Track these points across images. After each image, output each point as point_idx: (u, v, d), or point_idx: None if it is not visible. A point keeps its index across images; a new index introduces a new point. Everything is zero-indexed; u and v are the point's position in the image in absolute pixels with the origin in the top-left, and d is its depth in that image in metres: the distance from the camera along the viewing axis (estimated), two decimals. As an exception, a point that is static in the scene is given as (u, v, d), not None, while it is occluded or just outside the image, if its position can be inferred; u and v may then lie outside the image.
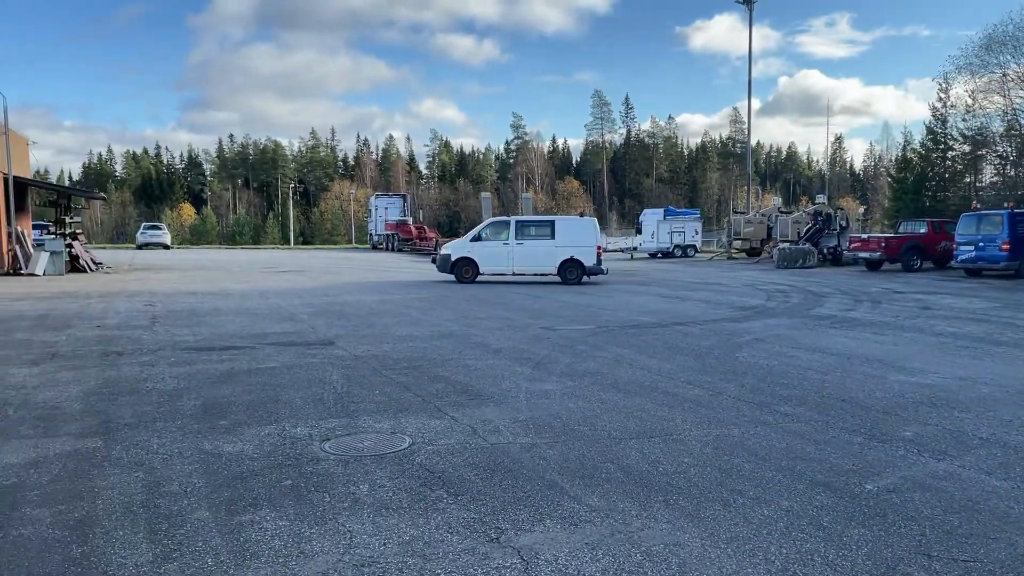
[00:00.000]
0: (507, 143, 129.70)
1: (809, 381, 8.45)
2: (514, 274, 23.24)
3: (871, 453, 5.76)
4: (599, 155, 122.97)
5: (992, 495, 4.85)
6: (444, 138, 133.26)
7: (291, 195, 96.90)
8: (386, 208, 56.54)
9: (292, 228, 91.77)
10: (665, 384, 8.28)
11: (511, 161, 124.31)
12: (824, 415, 6.91)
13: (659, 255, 42.66)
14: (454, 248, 23.98)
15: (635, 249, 45.86)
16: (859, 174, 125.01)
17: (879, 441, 6.08)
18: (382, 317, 14.25)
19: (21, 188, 28.51)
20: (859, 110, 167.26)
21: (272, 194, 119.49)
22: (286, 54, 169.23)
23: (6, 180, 26.36)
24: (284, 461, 5.53)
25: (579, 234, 23.01)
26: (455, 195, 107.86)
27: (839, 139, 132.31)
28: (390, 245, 52.15)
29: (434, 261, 24.90)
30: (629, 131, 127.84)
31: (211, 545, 4.07)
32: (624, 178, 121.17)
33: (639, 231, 46.09)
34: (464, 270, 23.16)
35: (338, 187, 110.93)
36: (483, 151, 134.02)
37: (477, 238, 23.52)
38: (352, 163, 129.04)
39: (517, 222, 23.52)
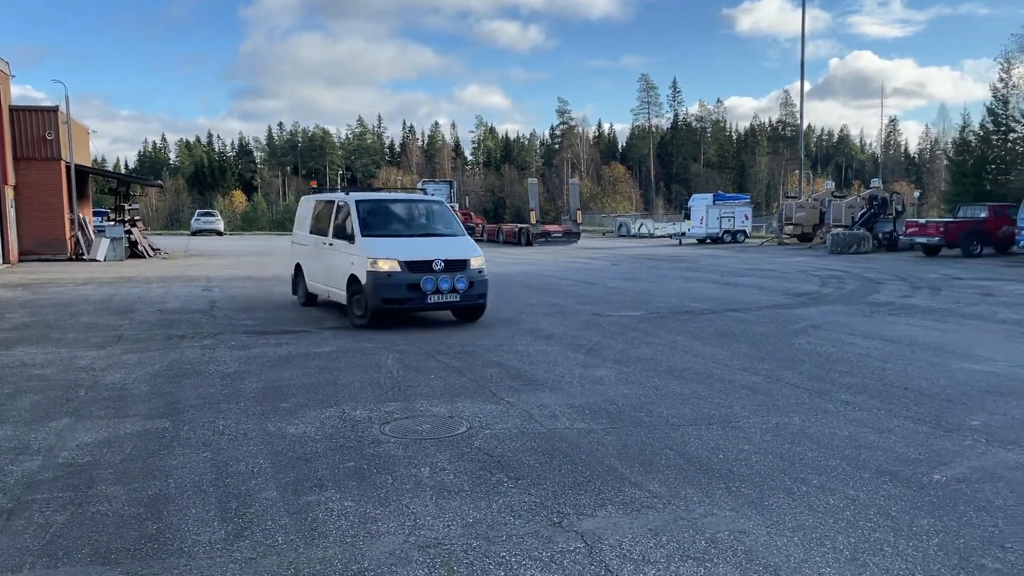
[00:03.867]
0: (552, 129, 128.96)
1: (869, 368, 8.28)
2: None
3: (937, 442, 5.63)
4: (645, 140, 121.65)
5: (1068, 487, 4.71)
6: (489, 124, 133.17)
7: (339, 181, 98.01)
8: (433, 194, 56.67)
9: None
10: (720, 371, 8.19)
11: (556, 147, 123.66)
12: (886, 403, 6.77)
13: (708, 240, 42.10)
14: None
15: (683, 235, 45.34)
16: (914, 157, 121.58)
17: (945, 430, 5.94)
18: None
19: (82, 176, 29.34)
20: (913, 92, 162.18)
21: (321, 181, 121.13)
22: (333, 43, 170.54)
23: (69, 168, 27.15)
24: (346, 443, 5.62)
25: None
26: (500, 181, 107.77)
27: (893, 121, 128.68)
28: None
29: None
30: (676, 115, 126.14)
31: (280, 524, 4.17)
32: (671, 163, 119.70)
33: (687, 216, 45.50)
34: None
35: (385, 173, 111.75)
36: (528, 137, 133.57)
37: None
38: (398, 150, 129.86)
39: None
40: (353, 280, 11.14)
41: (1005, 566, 3.65)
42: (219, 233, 56.93)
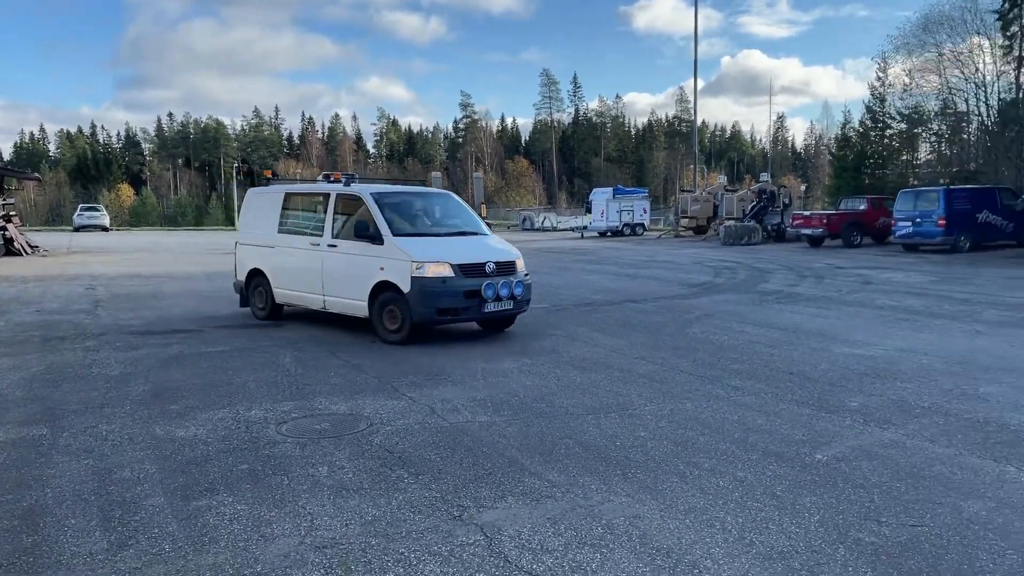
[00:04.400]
0: (456, 122, 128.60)
1: (758, 355, 8.64)
2: None
3: (820, 424, 5.93)
4: (548, 134, 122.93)
5: (936, 462, 5.04)
6: (392, 117, 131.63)
7: (235, 175, 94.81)
8: (333, 188, 55.81)
9: (237, 209, 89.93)
10: (619, 360, 8.38)
11: (460, 140, 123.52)
12: (773, 387, 7.09)
13: (609, 234, 42.98)
14: None
15: (585, 228, 46.10)
16: (800, 153, 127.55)
17: (827, 412, 6.26)
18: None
19: (-52, 169, 27.28)
20: (800, 90, 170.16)
21: (215, 174, 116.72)
22: (227, 30, 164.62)
23: (-68, 160, 25.20)
24: (240, 445, 5.45)
25: None
26: (404, 174, 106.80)
27: (781, 118, 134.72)
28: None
29: None
30: (577, 110, 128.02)
31: (168, 531, 4.00)
32: (573, 157, 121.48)
33: (588, 210, 46.32)
34: None
35: (284, 166, 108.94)
36: (432, 130, 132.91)
37: None
38: (297, 142, 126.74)
39: None
40: (383, 288, 9.42)
41: (879, 539, 3.87)
42: (105, 229, 54.12)
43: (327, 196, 10.45)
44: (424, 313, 9.12)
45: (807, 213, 31.68)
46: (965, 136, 42.01)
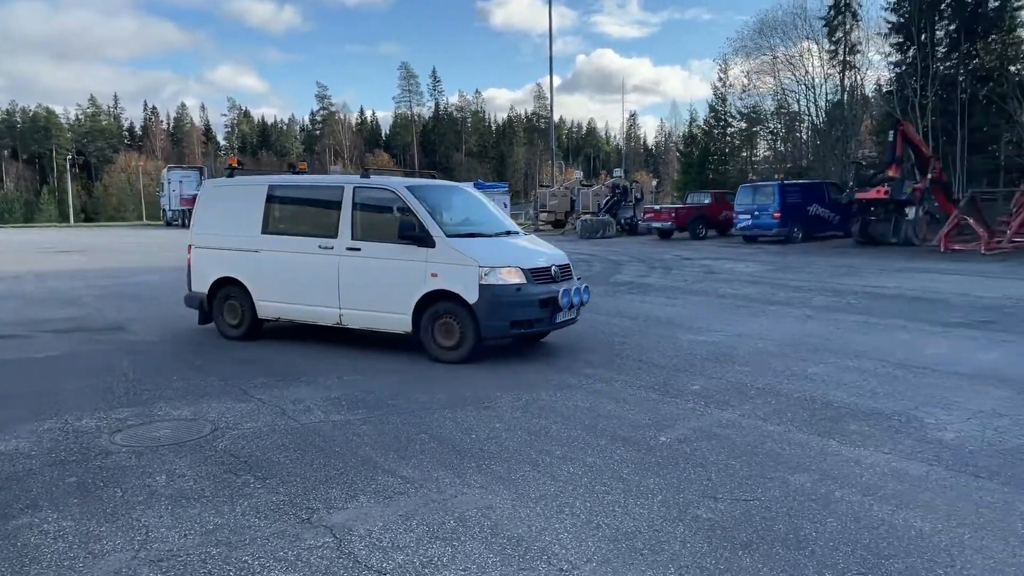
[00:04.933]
0: (312, 114, 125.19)
1: (610, 343, 8.94)
2: None
3: (664, 407, 6.21)
4: (409, 128, 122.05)
5: (767, 439, 5.39)
6: (244, 108, 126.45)
7: (68, 168, 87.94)
8: (180, 182, 52.82)
9: (71, 204, 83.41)
10: (477, 354, 8.42)
11: (317, 132, 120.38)
12: (623, 375, 7.35)
13: (469, 228, 43.17)
14: None
15: (446, 222, 46.09)
16: (652, 149, 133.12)
17: (671, 396, 6.56)
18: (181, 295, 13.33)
19: None
20: (650, 89, 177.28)
21: (46, 167, 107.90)
22: (59, 12, 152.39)
23: None
24: (67, 457, 5.05)
25: None
26: (258, 168, 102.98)
27: (633, 116, 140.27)
28: (187, 221, 48.78)
29: None
30: (438, 104, 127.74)
31: (-20, 556, 3.65)
32: (435, 151, 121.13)
33: (449, 204, 46.33)
34: None
35: (124, 159, 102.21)
36: (287, 122, 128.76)
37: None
38: (140, 133, 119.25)
39: None
40: (435, 298, 8.00)
41: (716, 515, 4.10)
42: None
43: (340, 190, 8.65)
44: (496, 327, 7.85)
45: (657, 207, 33.12)
46: (798, 134, 45.25)
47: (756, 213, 26.34)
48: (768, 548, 3.68)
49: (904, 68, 35.98)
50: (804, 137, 44.75)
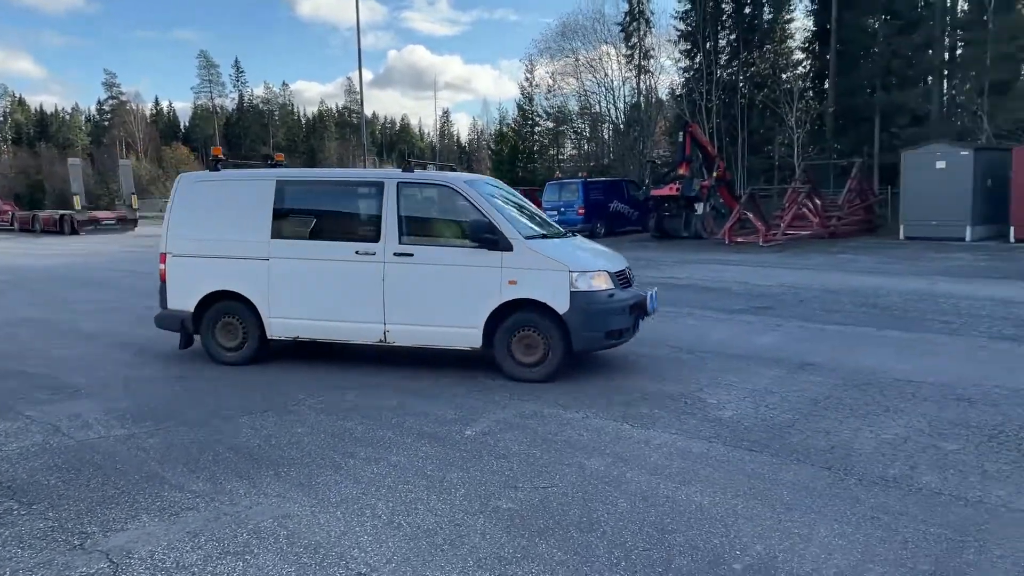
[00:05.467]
0: (100, 103, 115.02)
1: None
2: None
3: (471, 401, 6.28)
4: (210, 120, 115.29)
5: (567, 426, 5.60)
6: (18, 95, 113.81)
7: None
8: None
9: None
10: (278, 356, 8.10)
11: (106, 124, 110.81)
12: (434, 370, 7.36)
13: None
14: None
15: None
16: (465, 147, 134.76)
17: (480, 390, 6.65)
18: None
19: None
20: (462, 86, 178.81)
21: None
22: None
23: None
24: None
25: None
26: (36, 161, 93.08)
27: (446, 113, 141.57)
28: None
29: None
30: (241, 96, 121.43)
31: None
32: (240, 145, 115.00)
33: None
34: None
35: None
36: (70, 112, 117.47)
37: None
38: None
39: None
40: (511, 309, 7.08)
41: (516, 504, 4.19)
42: None
43: (380, 186, 7.45)
44: (591, 338, 7.02)
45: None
46: (601, 134, 47.56)
47: (562, 209, 27.35)
48: (563, 533, 3.82)
49: (692, 74, 38.89)
50: (606, 137, 47.15)
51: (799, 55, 38.14)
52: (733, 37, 37.92)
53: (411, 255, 7.25)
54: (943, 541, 3.69)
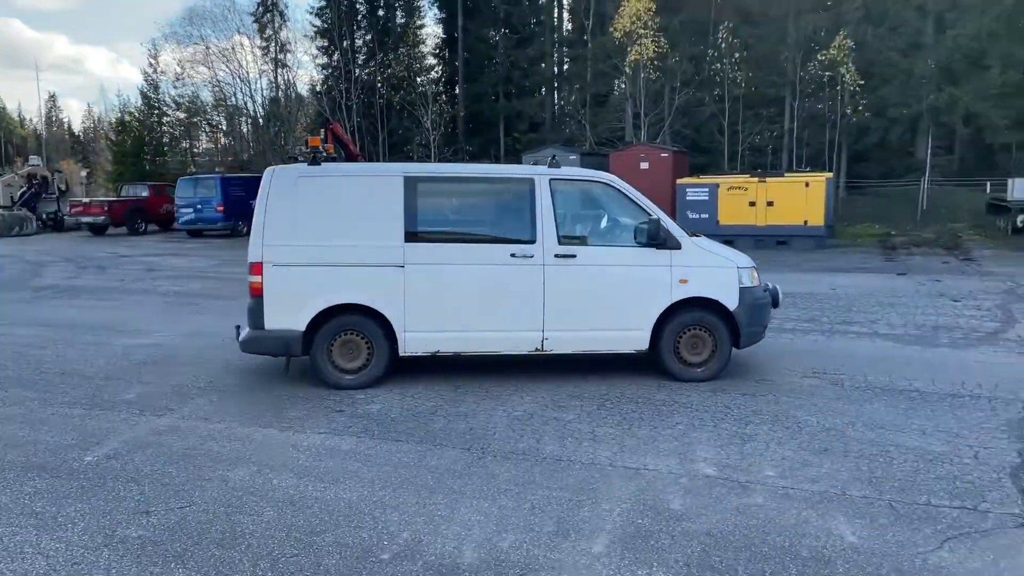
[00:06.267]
0: None
1: (26, 358, 7.71)
2: None
3: (92, 423, 5.59)
4: None
5: (209, 438, 5.25)
6: None
7: None
8: None
9: None
10: None
11: None
12: (42, 393, 6.41)
13: None
14: None
15: None
16: (79, 136, 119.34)
17: (101, 409, 5.95)
18: None
19: None
20: (71, 68, 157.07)
21: None
22: None
23: None
24: None
25: None
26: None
27: (53, 97, 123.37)
28: None
29: None
30: None
31: None
32: None
33: None
34: None
35: None
36: None
37: None
38: None
39: None
40: (679, 308, 6.70)
41: (148, 531, 3.82)
42: None
43: (529, 183, 6.69)
44: (754, 333, 6.99)
45: (87, 200, 29.81)
46: (239, 128, 45.35)
47: (199, 206, 25.58)
48: (204, 553, 3.58)
49: (331, 71, 38.77)
50: (245, 131, 45.02)
51: (432, 60, 40.11)
52: (369, 38, 38.54)
53: (573, 256, 6.73)
54: (563, 503, 4.16)
